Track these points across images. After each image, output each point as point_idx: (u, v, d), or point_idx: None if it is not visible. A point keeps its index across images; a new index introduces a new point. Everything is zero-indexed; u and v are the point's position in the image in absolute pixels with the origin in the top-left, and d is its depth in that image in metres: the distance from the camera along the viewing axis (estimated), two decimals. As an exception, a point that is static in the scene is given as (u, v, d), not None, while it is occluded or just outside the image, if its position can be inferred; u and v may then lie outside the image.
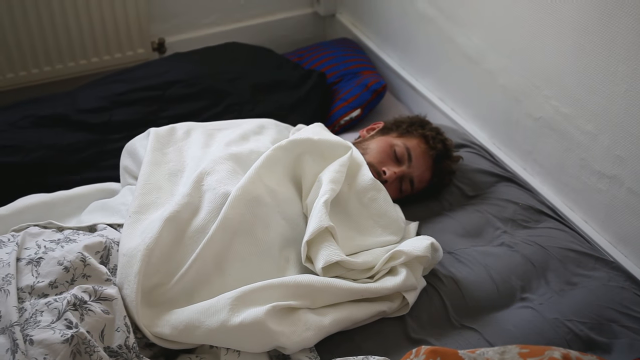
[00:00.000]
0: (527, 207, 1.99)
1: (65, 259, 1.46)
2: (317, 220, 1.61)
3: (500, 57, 2.15)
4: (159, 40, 2.80)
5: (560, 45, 1.91)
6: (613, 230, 1.90)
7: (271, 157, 1.73)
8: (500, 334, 1.63)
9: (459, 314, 1.69)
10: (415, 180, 1.94)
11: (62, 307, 1.37)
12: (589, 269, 1.81)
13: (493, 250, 1.85)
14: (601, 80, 1.80)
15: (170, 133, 1.84)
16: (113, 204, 1.72)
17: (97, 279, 1.47)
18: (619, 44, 1.72)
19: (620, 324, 1.68)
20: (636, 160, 1.77)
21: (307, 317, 1.52)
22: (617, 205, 1.86)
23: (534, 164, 2.13)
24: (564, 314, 1.68)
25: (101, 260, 1.52)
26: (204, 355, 1.51)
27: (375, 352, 1.55)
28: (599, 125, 1.85)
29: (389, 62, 2.74)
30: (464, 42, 2.30)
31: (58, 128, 2.13)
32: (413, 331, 1.63)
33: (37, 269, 1.45)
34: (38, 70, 2.59)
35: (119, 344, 1.41)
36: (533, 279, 1.79)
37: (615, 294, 1.74)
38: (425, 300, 1.70)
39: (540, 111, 2.04)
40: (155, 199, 1.65)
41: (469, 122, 2.39)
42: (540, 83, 2.01)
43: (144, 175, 1.69)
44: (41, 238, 1.54)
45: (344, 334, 1.59)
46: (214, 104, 2.31)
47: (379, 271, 1.64)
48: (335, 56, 2.69)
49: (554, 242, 1.87)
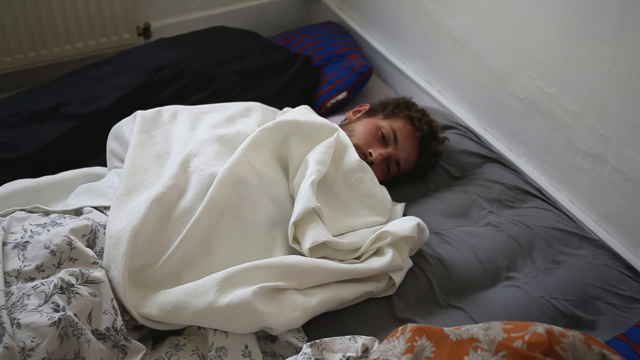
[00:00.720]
0: (512, 187, 2.00)
1: (51, 242, 1.46)
2: (304, 201, 1.61)
3: (485, 39, 2.16)
4: (144, 24, 2.78)
5: (545, 26, 1.91)
6: (597, 209, 1.92)
7: (257, 139, 1.73)
8: (486, 312, 1.65)
9: (445, 294, 1.71)
10: (402, 162, 1.95)
11: (49, 290, 1.37)
12: (574, 247, 1.83)
13: (479, 230, 1.86)
14: (585, 60, 1.81)
15: (157, 116, 1.84)
16: (99, 187, 1.72)
17: (84, 262, 1.47)
18: (603, 24, 1.73)
19: (604, 301, 1.70)
20: (620, 139, 1.78)
21: (294, 297, 1.53)
22: (602, 184, 1.87)
23: (519, 144, 2.15)
24: (549, 292, 1.70)
25: (88, 243, 1.53)
26: (191, 336, 1.52)
27: (363, 331, 1.56)
28: (583, 105, 1.86)
29: (375, 45, 2.74)
30: (450, 25, 2.30)
31: (47, 123, 2.11)
32: (400, 311, 1.64)
33: (23, 253, 1.45)
34: (23, 55, 2.57)
35: (106, 326, 1.41)
36: (519, 258, 1.80)
37: (600, 271, 1.76)
38: (412, 280, 1.71)
39: (525, 92, 2.04)
40: (141, 181, 1.65)
41: (455, 104, 2.40)
42: (525, 64, 2.02)
43: (130, 158, 1.69)
44: (27, 222, 1.54)
45: (331, 314, 1.60)
46: (201, 88, 2.30)
47: (366, 252, 1.65)
48: (321, 39, 2.69)
49: (539, 221, 1.89)
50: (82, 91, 2.21)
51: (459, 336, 1.18)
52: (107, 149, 1.86)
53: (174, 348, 1.49)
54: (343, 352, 1.45)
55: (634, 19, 1.65)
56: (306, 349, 1.43)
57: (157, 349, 1.50)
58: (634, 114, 1.72)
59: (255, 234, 1.62)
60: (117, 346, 1.42)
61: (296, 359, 1.42)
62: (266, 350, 1.54)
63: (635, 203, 1.79)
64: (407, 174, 2.01)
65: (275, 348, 1.54)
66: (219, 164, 1.66)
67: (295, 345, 1.51)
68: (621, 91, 1.73)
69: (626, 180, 1.79)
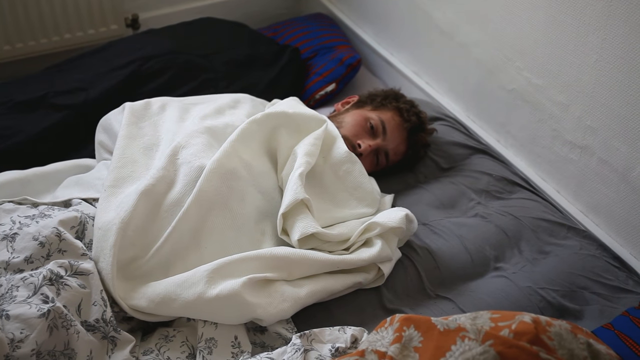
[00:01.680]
0: (500, 179, 2.01)
1: (40, 234, 1.46)
2: (292, 193, 1.62)
3: (473, 30, 2.16)
4: (132, 16, 2.77)
5: (532, 17, 1.92)
6: (584, 200, 1.93)
7: (246, 131, 1.73)
8: (474, 303, 1.66)
9: (433, 284, 1.71)
10: (391, 153, 1.96)
11: (38, 282, 1.37)
12: (561, 238, 1.84)
13: (467, 221, 1.87)
14: (572, 51, 1.82)
15: (146, 107, 1.84)
16: (88, 179, 1.71)
17: (73, 254, 1.47)
18: (589, 14, 1.74)
19: (591, 291, 1.71)
20: (607, 130, 1.79)
21: (284, 288, 1.53)
22: (589, 175, 1.88)
23: (507, 135, 2.15)
24: (536, 282, 1.71)
25: (76, 235, 1.53)
26: (181, 328, 1.52)
27: (352, 322, 1.57)
28: (570, 96, 1.87)
29: (363, 36, 2.74)
30: (438, 16, 2.31)
31: (35, 113, 2.10)
32: (388, 301, 1.65)
33: (12, 245, 1.44)
34: (10, 47, 2.56)
35: (96, 317, 1.41)
36: (506, 248, 1.81)
37: (586, 262, 1.77)
38: (401, 271, 1.72)
39: (513, 83, 2.05)
40: (130, 173, 1.64)
41: (443, 95, 2.40)
42: (513, 55, 2.02)
43: (119, 149, 1.69)
44: (16, 214, 1.53)
45: (321, 305, 1.61)
46: (190, 79, 2.30)
47: (355, 243, 1.65)
48: (309, 31, 2.68)
49: (527, 212, 1.90)
50: (70, 82, 2.20)
51: (447, 326, 1.19)
52: (96, 141, 1.85)
53: (164, 339, 1.49)
54: (332, 342, 1.45)
55: (620, 10, 1.65)
56: (295, 340, 1.43)
57: (146, 340, 1.50)
58: (620, 105, 1.73)
59: (244, 225, 1.63)
60: (107, 337, 1.42)
61: (285, 350, 1.43)
62: (255, 341, 1.54)
63: (622, 194, 1.80)
64: (396, 166, 2.02)
65: (264, 339, 1.54)
66: (208, 155, 1.66)
67: (284, 336, 1.52)
68: (608, 82, 1.74)
69: (613, 171, 1.80)
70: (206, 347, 1.46)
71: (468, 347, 1.14)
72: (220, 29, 2.56)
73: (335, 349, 1.43)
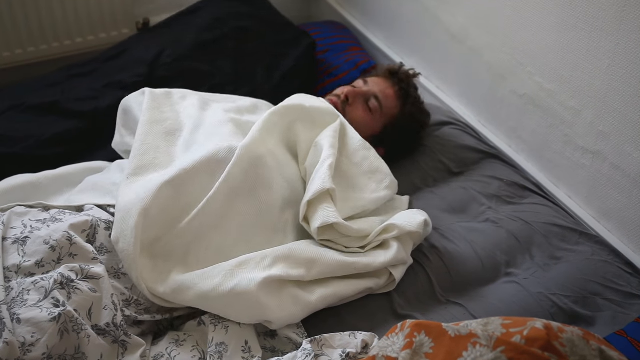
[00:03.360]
0: (511, 183, 2.01)
1: (51, 238, 1.46)
2: (320, 182, 1.63)
3: (484, 34, 2.16)
4: (143, 20, 2.78)
5: (544, 22, 1.91)
6: (596, 205, 1.92)
7: (268, 122, 1.75)
8: (485, 308, 1.65)
9: (444, 290, 1.71)
10: (380, 96, 2.00)
11: (49, 285, 1.37)
12: (573, 243, 1.83)
13: (478, 226, 1.87)
14: (584, 56, 1.81)
15: (167, 95, 1.85)
16: (104, 184, 1.70)
17: (84, 258, 1.47)
18: (601, 19, 1.73)
19: (603, 297, 1.70)
20: (619, 136, 1.78)
21: (295, 292, 1.54)
22: (601, 181, 1.88)
23: (518, 140, 2.15)
24: (548, 288, 1.70)
25: (87, 239, 1.52)
26: (191, 332, 1.52)
27: (362, 327, 1.56)
28: (582, 101, 1.86)
29: (375, 41, 2.74)
30: (448, 21, 2.31)
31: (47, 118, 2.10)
32: (399, 307, 1.65)
33: (23, 248, 1.45)
34: (22, 50, 2.57)
35: (106, 322, 1.41)
36: (518, 254, 1.81)
37: (599, 267, 1.76)
38: (411, 276, 1.71)
39: (525, 88, 2.05)
40: (152, 160, 1.65)
41: (454, 100, 2.40)
42: (524, 60, 2.02)
43: (141, 136, 1.69)
44: (27, 217, 1.53)
45: (331, 310, 1.61)
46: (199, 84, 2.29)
47: (371, 242, 1.65)
48: (321, 32, 2.69)
49: (538, 217, 1.89)
50: (82, 89, 2.20)
51: (458, 332, 1.18)
52: (117, 123, 1.87)
53: (174, 344, 1.49)
54: (343, 348, 1.45)
55: (633, 15, 1.65)
56: (306, 345, 1.43)
57: (157, 344, 1.50)
58: (633, 110, 1.72)
59: (268, 213, 1.64)
60: (117, 341, 1.42)
61: (296, 355, 1.43)
62: (266, 346, 1.54)
63: (634, 199, 1.79)
64: (400, 140, 2.06)
65: (275, 344, 1.54)
66: (238, 140, 1.69)
67: (295, 341, 1.52)
68: (620, 87, 1.74)
69: (625, 177, 1.79)
70: (217, 352, 1.45)
71: (479, 354, 1.13)
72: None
73: (346, 354, 1.43)
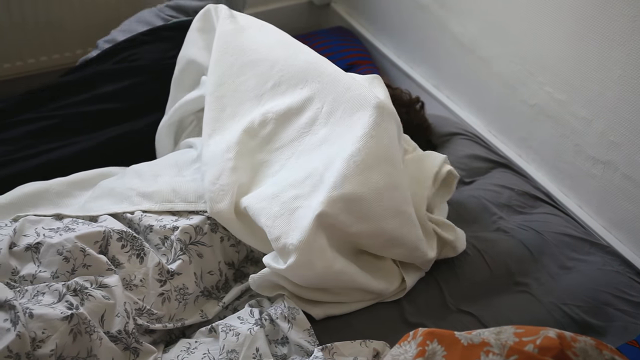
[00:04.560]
0: (522, 193, 2.01)
1: (64, 248, 1.46)
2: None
3: (494, 44, 2.16)
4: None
5: (554, 32, 1.92)
6: (607, 216, 1.92)
7: None
8: (496, 318, 1.65)
9: (455, 299, 1.71)
10: None
11: (62, 290, 1.38)
12: (584, 253, 1.83)
13: (489, 236, 1.86)
14: (595, 66, 1.82)
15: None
16: (121, 189, 1.68)
17: (98, 269, 1.47)
18: (613, 30, 1.73)
19: (615, 308, 1.70)
20: (630, 146, 1.78)
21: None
22: (612, 191, 1.87)
23: (529, 150, 2.15)
24: (559, 298, 1.70)
25: (100, 250, 1.52)
26: (202, 340, 1.53)
27: (373, 336, 1.56)
28: (593, 111, 1.86)
29: (384, 50, 2.75)
30: (458, 30, 2.31)
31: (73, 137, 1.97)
32: (410, 315, 1.64)
33: (37, 256, 1.46)
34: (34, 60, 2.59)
35: (118, 329, 1.42)
36: (528, 263, 1.80)
37: (610, 277, 1.76)
38: (422, 284, 1.71)
39: (535, 98, 2.05)
40: (229, 113, 1.71)
41: (464, 110, 2.40)
42: (535, 70, 2.02)
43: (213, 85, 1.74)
44: (40, 226, 1.54)
45: (341, 318, 1.60)
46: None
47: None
48: (330, 45, 2.69)
49: (549, 227, 1.89)
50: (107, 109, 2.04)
51: (470, 340, 1.18)
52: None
53: (185, 351, 1.49)
54: (354, 356, 1.45)
55: (644, 26, 1.65)
56: (317, 353, 1.43)
57: (168, 351, 1.51)
58: (644, 121, 1.73)
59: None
60: (129, 348, 1.43)
61: (307, 363, 1.43)
62: (277, 354, 1.54)
63: (646, 209, 1.79)
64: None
65: (286, 351, 1.54)
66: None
67: (306, 349, 1.51)
68: (632, 97, 1.74)
69: (636, 187, 1.79)
70: (227, 359, 1.46)
71: (493, 362, 1.13)
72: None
73: (357, 362, 1.43)
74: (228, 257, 1.65)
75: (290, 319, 1.52)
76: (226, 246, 1.63)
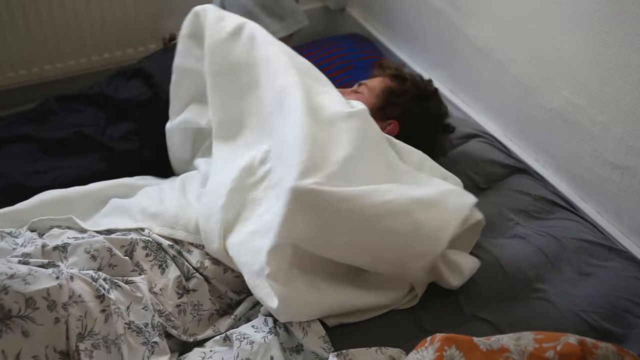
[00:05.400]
0: (539, 198, 1.99)
1: (92, 247, 1.49)
2: None
3: (511, 48, 2.15)
4: (170, 35, 2.79)
5: (572, 36, 1.90)
6: (626, 222, 1.90)
7: None
8: (513, 324, 1.63)
9: (471, 305, 1.69)
10: (365, 81, 2.02)
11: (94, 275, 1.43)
12: (602, 259, 1.81)
13: (506, 242, 1.85)
14: (613, 71, 1.80)
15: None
16: (129, 206, 1.70)
17: (123, 270, 1.51)
18: (631, 34, 1.72)
19: (634, 315, 1.68)
20: (649, 151, 1.77)
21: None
22: (631, 196, 1.86)
23: (546, 155, 2.13)
24: (577, 305, 1.68)
25: (125, 254, 1.55)
26: (217, 349, 1.52)
27: (389, 343, 1.54)
28: (611, 116, 1.85)
29: (399, 55, 2.74)
30: (474, 34, 2.30)
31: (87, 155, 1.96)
32: (425, 321, 1.63)
33: (64, 255, 1.49)
34: (51, 66, 2.60)
35: (145, 322, 1.44)
36: (546, 269, 1.78)
37: (629, 284, 1.74)
38: (437, 290, 1.70)
39: (552, 102, 2.03)
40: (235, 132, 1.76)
41: (480, 114, 2.39)
42: (552, 74, 2.01)
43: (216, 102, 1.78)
44: (65, 236, 1.57)
45: (355, 324, 1.59)
46: None
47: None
48: (344, 48, 2.69)
49: (566, 232, 1.87)
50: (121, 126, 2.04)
51: (489, 346, 1.17)
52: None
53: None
54: (370, 362, 1.44)
55: (664, 29, 1.64)
56: (332, 359, 1.42)
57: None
58: (663, 125, 1.71)
59: None
60: (148, 343, 1.44)
61: (323, 370, 1.42)
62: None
63: (665, 215, 1.77)
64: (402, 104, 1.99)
65: (301, 359, 1.53)
66: None
67: (321, 356, 1.50)
68: (651, 102, 1.72)
69: (656, 192, 1.78)
70: (242, 367, 1.45)
71: (512, 369, 1.12)
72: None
73: (373, 369, 1.42)
74: (234, 286, 1.66)
75: (304, 326, 1.51)
76: (230, 277, 1.64)
